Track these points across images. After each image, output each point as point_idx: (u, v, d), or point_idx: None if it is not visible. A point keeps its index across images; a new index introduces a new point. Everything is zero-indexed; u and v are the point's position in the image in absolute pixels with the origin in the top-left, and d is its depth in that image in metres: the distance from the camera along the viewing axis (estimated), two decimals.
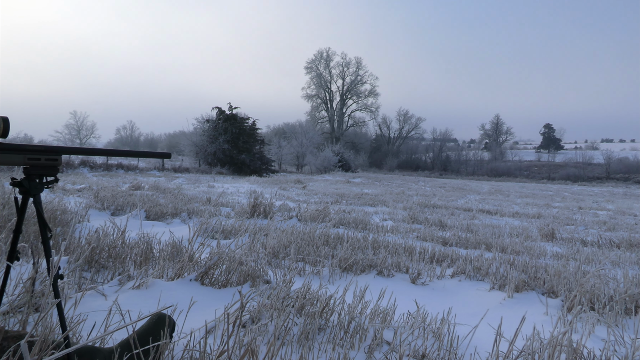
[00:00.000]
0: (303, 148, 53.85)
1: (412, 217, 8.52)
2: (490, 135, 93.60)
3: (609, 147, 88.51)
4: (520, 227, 8.23)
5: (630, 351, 2.11)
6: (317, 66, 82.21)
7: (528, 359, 2.14)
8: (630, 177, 57.99)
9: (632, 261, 5.32)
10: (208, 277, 2.93)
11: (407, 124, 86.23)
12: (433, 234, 6.38)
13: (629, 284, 3.63)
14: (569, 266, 4.27)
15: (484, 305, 3.36)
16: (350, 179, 28.91)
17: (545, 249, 5.81)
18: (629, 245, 6.54)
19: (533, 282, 3.87)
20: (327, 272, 3.89)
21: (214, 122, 35.02)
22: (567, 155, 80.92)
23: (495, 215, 10.66)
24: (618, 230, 8.71)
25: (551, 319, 3.00)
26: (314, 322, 2.23)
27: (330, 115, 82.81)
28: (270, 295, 2.42)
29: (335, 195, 13.29)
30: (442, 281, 4.01)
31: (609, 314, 2.94)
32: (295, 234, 4.91)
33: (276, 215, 7.08)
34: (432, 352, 2.20)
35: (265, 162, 36.23)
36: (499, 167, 68.68)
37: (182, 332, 2.05)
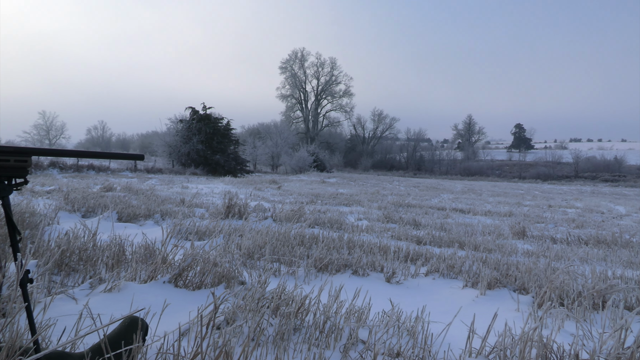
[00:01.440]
0: (278, 148, 53.70)
1: (386, 217, 8.58)
2: (462, 135, 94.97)
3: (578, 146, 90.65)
4: (493, 225, 8.37)
5: (598, 345, 2.17)
6: (292, 66, 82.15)
7: (500, 355, 2.17)
8: (597, 175, 59.52)
9: (599, 257, 5.46)
10: (182, 279, 2.90)
11: (382, 124, 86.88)
12: (407, 233, 6.44)
13: (597, 279, 3.73)
14: (539, 263, 4.37)
15: (457, 302, 3.40)
16: (325, 179, 28.95)
17: (516, 246, 5.92)
18: (597, 242, 6.72)
19: (505, 279, 3.93)
20: (303, 272, 3.89)
21: (188, 123, 34.64)
22: (537, 155, 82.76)
23: (468, 214, 10.81)
24: (586, 227, 8.93)
25: (522, 315, 3.06)
26: (289, 322, 2.23)
27: (305, 116, 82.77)
28: (245, 296, 2.40)
29: (311, 196, 13.29)
30: (417, 280, 4.05)
31: (578, 309, 3.02)
32: (270, 234, 4.89)
33: (251, 215, 7.04)
34: (406, 350, 2.22)
35: (239, 162, 36.00)
36: (472, 166, 69.68)
37: (155, 335, 2.02)
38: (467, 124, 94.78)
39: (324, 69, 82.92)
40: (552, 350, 2.16)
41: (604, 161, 65.29)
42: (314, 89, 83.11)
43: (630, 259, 5.42)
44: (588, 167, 64.17)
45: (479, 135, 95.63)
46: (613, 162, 64.18)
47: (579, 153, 66.62)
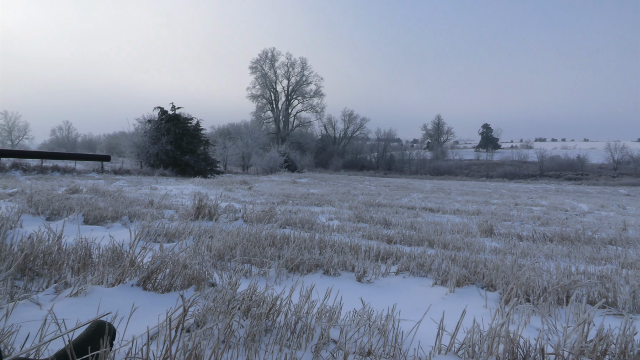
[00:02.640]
0: (249, 148, 53.37)
1: (357, 216, 8.62)
2: (432, 135, 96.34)
3: (542, 146, 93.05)
4: (461, 223, 8.51)
5: (562, 339, 2.23)
6: (262, 66, 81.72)
7: (469, 351, 2.21)
8: (561, 174, 61.20)
9: (563, 254, 5.61)
10: (151, 281, 2.85)
11: (352, 124, 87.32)
12: (378, 232, 6.49)
13: (561, 275, 3.83)
14: (506, 260, 4.46)
15: (427, 300, 3.45)
16: (296, 179, 28.92)
17: (484, 244, 6.03)
18: (561, 239, 6.90)
19: (473, 276, 4.00)
20: (274, 273, 3.88)
21: (156, 123, 34.03)
22: (504, 154, 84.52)
23: (437, 213, 10.95)
24: (551, 224, 9.17)
25: (490, 311, 3.12)
26: (260, 323, 2.22)
27: (275, 116, 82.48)
28: (215, 298, 2.38)
29: (282, 196, 13.26)
30: (387, 278, 4.08)
31: (543, 304, 3.09)
32: (241, 235, 4.86)
33: (221, 216, 6.98)
34: (377, 348, 2.24)
35: (210, 163, 35.58)
36: (441, 166, 70.71)
37: (123, 339, 1.99)
38: (436, 124, 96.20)
39: (294, 69, 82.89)
40: (518, 345, 2.21)
41: (567, 160, 67.18)
42: (285, 89, 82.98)
43: (593, 254, 5.59)
44: (552, 166, 65.91)
45: (448, 135, 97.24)
46: (576, 161, 66.09)
47: (543, 152, 68.40)
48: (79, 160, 29.78)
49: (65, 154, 29.66)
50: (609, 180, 52.51)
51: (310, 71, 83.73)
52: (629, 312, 3.24)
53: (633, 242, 6.84)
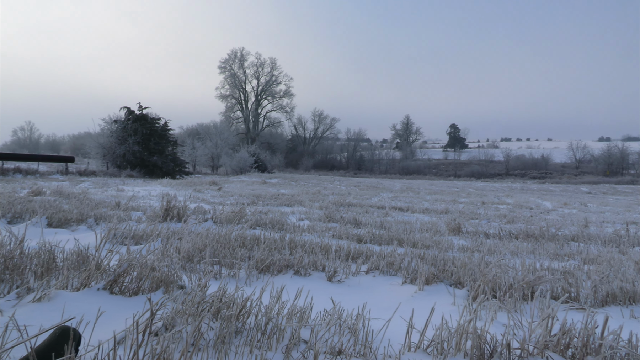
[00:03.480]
0: (218, 149, 52.84)
1: (328, 216, 8.64)
2: (401, 135, 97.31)
3: (508, 145, 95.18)
4: (430, 222, 8.62)
5: (528, 334, 2.29)
6: (231, 66, 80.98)
7: (437, 347, 2.25)
8: (526, 173, 62.69)
9: (528, 250, 5.75)
10: (118, 285, 2.80)
11: (322, 124, 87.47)
12: (348, 232, 6.52)
13: (526, 271, 3.93)
14: (473, 258, 4.55)
15: (397, 298, 3.48)
16: (266, 180, 28.81)
17: (452, 242, 6.12)
18: (526, 236, 7.07)
19: (442, 274, 4.07)
20: (244, 274, 3.85)
21: (123, 123, 33.32)
22: (471, 154, 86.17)
23: (406, 212, 11.07)
24: (516, 222, 9.38)
25: (458, 308, 3.17)
26: (230, 325, 2.20)
27: (245, 116, 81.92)
28: (184, 300, 2.35)
29: (252, 196, 13.18)
30: (358, 277, 4.11)
31: (509, 300, 3.16)
32: (210, 236, 4.81)
33: (190, 218, 6.89)
34: (348, 347, 2.25)
35: (178, 163, 35.07)
36: (410, 165, 71.47)
37: (89, 344, 1.94)
38: (405, 124, 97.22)
39: (264, 69, 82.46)
40: (485, 341, 2.25)
41: (532, 159, 68.89)
42: (254, 89, 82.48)
43: (556, 251, 5.75)
44: (518, 165, 67.48)
45: (417, 135, 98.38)
46: (540, 160, 67.85)
47: (509, 152, 69.93)
48: (42, 162, 28.99)
49: (27, 155, 28.84)
50: (571, 178, 53.99)
51: (280, 71, 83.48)
52: (590, 306, 3.34)
53: (594, 239, 7.06)
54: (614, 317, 3.14)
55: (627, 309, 3.41)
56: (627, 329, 2.40)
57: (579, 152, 68.20)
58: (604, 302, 3.54)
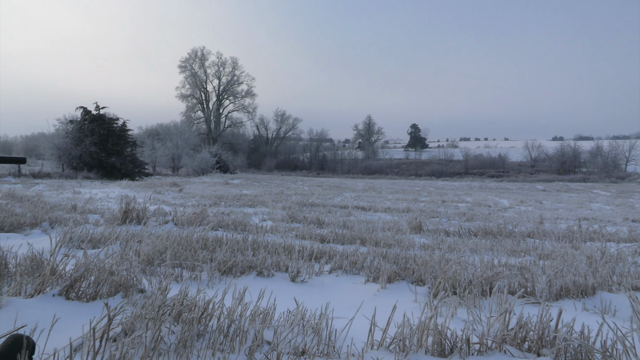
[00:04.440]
0: (179, 150, 51.93)
1: (291, 217, 8.63)
2: (363, 135, 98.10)
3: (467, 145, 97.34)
4: (392, 221, 8.72)
5: (486, 328, 2.35)
6: (192, 65, 79.66)
7: (400, 345, 2.28)
8: (484, 171, 64.24)
9: (487, 247, 5.90)
10: (74, 290, 2.71)
11: (285, 124, 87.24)
12: (311, 232, 6.53)
13: (485, 268, 4.03)
14: (434, 255, 4.63)
15: (359, 297, 3.51)
16: (228, 180, 28.55)
17: (414, 240, 6.22)
18: (485, 233, 7.25)
19: (403, 272, 4.12)
20: (206, 276, 3.81)
21: (79, 123, 32.33)
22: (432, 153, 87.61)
23: (369, 211, 11.18)
24: (475, 220, 9.61)
25: (420, 305, 3.23)
26: (192, 328, 2.17)
27: (206, 116, 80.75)
28: (144, 304, 2.31)
29: (214, 197, 13.04)
30: (321, 277, 4.12)
31: (469, 296, 3.24)
32: (171, 239, 4.73)
33: (150, 220, 6.76)
34: (311, 347, 2.25)
35: (137, 165, 34.30)
36: (372, 165, 72.09)
37: (43, 353, 1.88)
38: (367, 124, 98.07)
39: (225, 69, 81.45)
40: (446, 337, 2.30)
41: (490, 158, 70.65)
42: (215, 88, 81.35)
43: (513, 247, 5.92)
44: (476, 164, 69.07)
45: (378, 135, 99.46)
46: (498, 159, 69.66)
47: (468, 151, 71.49)
48: None
49: None
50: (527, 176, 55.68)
51: (242, 71, 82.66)
52: (545, 300, 3.46)
53: (549, 235, 7.31)
54: (568, 310, 3.26)
55: (580, 302, 3.54)
56: (580, 321, 2.50)
57: (534, 151, 70.37)
58: (558, 296, 3.67)
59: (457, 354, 2.22)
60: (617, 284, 3.92)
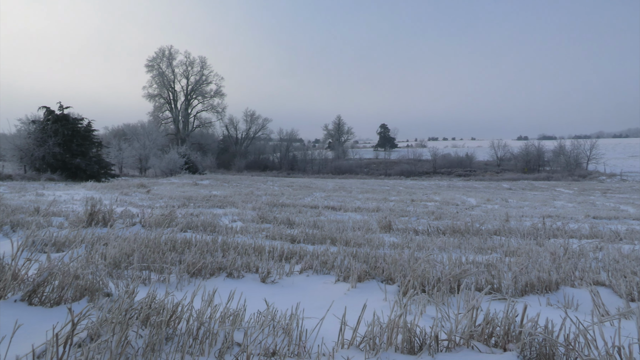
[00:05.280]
0: (146, 150, 51.07)
1: (261, 217, 8.59)
2: (333, 135, 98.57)
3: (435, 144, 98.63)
4: (362, 220, 8.78)
5: (454, 325, 2.39)
6: (159, 64, 78.31)
7: (370, 343, 2.29)
8: (452, 171, 65.31)
9: (455, 245, 6.00)
10: (37, 295, 2.64)
11: (254, 124, 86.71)
12: (282, 232, 6.51)
13: (453, 265, 4.10)
14: (403, 254, 4.67)
15: (330, 297, 3.52)
16: (198, 181, 28.23)
17: (383, 239, 6.27)
18: (453, 232, 7.37)
19: (373, 271, 4.16)
20: (175, 278, 3.76)
21: (42, 123, 31.40)
22: (401, 153, 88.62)
23: (339, 211, 11.22)
24: (444, 218, 9.76)
25: (389, 303, 3.26)
26: (160, 332, 2.14)
27: (174, 116, 79.56)
28: (111, 308, 2.26)
29: (183, 199, 12.87)
30: (291, 277, 4.12)
31: (437, 294, 3.29)
32: (139, 241, 4.65)
33: (117, 222, 6.63)
34: (282, 348, 2.25)
35: (103, 166, 33.52)
36: (342, 165, 72.36)
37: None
38: (337, 124, 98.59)
39: (193, 68, 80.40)
40: (415, 334, 2.33)
41: (457, 158, 71.86)
42: (184, 88, 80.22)
43: (480, 245, 6.03)
44: (444, 163, 70.13)
45: (348, 135, 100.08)
46: (465, 159, 70.88)
47: (436, 151, 72.49)
48: None
49: None
50: (493, 175, 56.85)
51: (211, 70, 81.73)
52: (511, 296, 3.54)
53: (514, 232, 7.48)
54: (532, 305, 3.34)
55: (544, 297, 3.64)
56: (544, 316, 2.56)
57: (500, 151, 71.80)
58: (524, 292, 3.76)
59: (426, 351, 2.25)
60: (579, 279, 4.04)
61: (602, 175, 50.83)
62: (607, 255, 5.24)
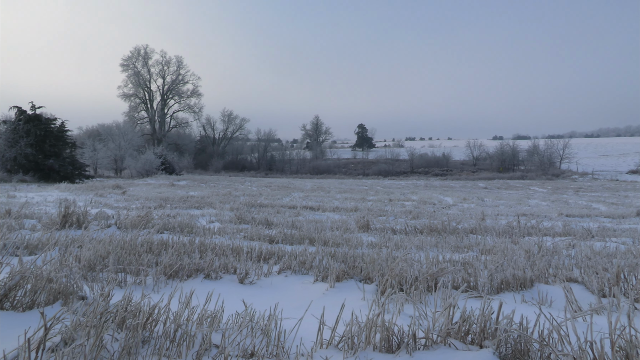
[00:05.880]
0: (122, 151, 50.32)
1: (239, 218, 8.55)
2: (311, 135, 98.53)
3: (412, 144, 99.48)
4: (340, 220, 8.80)
5: (432, 323, 2.41)
6: (135, 64, 77.12)
7: (348, 342, 2.30)
8: (429, 170, 65.93)
9: (432, 244, 6.06)
10: (9, 300, 2.58)
11: (232, 124, 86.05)
12: (260, 233, 6.49)
13: (430, 264, 4.14)
14: (381, 253, 4.70)
15: (309, 297, 3.52)
16: (174, 182, 27.94)
17: (362, 239, 6.30)
18: (430, 231, 7.44)
19: (352, 270, 4.17)
20: (152, 280, 3.71)
21: (13, 124, 30.65)
22: (379, 153, 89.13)
23: (317, 211, 11.23)
24: (421, 218, 9.85)
25: (367, 303, 3.27)
26: (136, 335, 2.11)
27: (150, 116, 78.48)
28: (85, 312, 2.22)
29: (159, 200, 12.72)
30: (270, 278, 4.11)
31: (415, 292, 3.31)
32: (114, 242, 4.57)
33: (92, 224, 6.52)
34: (260, 349, 2.24)
35: (77, 167, 32.88)
36: (320, 165, 72.41)
37: None
38: (315, 124, 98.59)
39: (169, 68, 79.41)
40: (393, 333, 2.35)
41: (434, 157, 72.57)
42: (160, 88, 79.18)
43: (457, 243, 6.10)
44: (421, 163, 70.76)
45: (326, 135, 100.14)
46: (442, 158, 71.64)
47: (413, 151, 73.08)
48: None
49: None
50: (470, 175, 57.58)
51: (187, 70, 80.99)
52: (487, 294, 3.59)
53: (490, 231, 7.59)
54: (508, 302, 3.39)
55: (519, 294, 3.70)
56: (519, 313, 2.61)
57: (476, 150, 72.77)
58: (499, 289, 3.82)
59: (404, 349, 2.27)
60: (552, 276, 4.12)
61: (575, 174, 51.99)
62: (580, 252, 5.36)
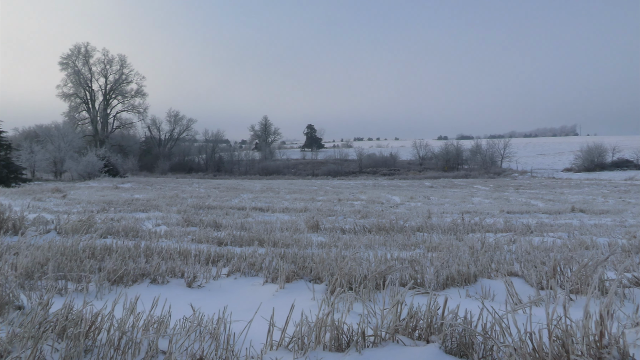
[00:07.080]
0: (61, 153, 48.26)
1: (186, 220, 8.38)
2: (260, 136, 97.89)
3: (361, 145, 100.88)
4: (290, 221, 8.81)
5: (380, 320, 2.45)
6: (75, 62, 74.02)
7: (299, 343, 2.31)
8: (377, 170, 66.92)
9: (380, 243, 6.16)
10: None
11: (179, 125, 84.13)
12: (208, 235, 6.39)
13: (378, 262, 4.22)
14: (331, 253, 4.74)
15: (258, 299, 3.50)
16: (119, 185, 27.10)
17: (311, 239, 6.32)
18: (378, 229, 7.56)
19: (302, 271, 4.18)
20: (94, 287, 3.58)
21: None
22: (327, 153, 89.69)
23: (267, 212, 11.19)
24: (370, 217, 9.99)
25: (317, 302, 3.28)
26: (78, 344, 2.03)
27: (92, 117, 75.59)
28: (22, 322, 2.12)
29: (102, 203, 12.29)
30: (219, 281, 4.05)
31: (364, 291, 3.36)
32: (54, 249, 4.38)
33: (29, 230, 6.22)
34: (209, 353, 2.21)
35: (13, 170, 31.31)
36: (270, 166, 72.06)
37: None
38: (264, 125, 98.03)
39: (112, 67, 76.77)
40: (342, 332, 2.37)
41: (382, 157, 73.81)
42: (102, 87, 76.41)
43: (404, 241, 6.23)
44: (370, 163, 71.76)
45: (275, 135, 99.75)
46: (389, 158, 72.95)
47: (362, 151, 73.99)
48: None
49: None
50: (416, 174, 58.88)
51: (131, 69, 78.42)
52: (433, 290, 3.68)
53: (436, 228, 7.80)
54: (453, 297, 3.50)
55: (464, 290, 3.82)
56: (464, 307, 2.69)
57: (422, 150, 74.51)
58: (445, 285, 3.93)
59: (353, 348, 2.30)
60: (495, 271, 4.28)
61: (515, 173, 54.24)
62: (520, 247, 5.60)
